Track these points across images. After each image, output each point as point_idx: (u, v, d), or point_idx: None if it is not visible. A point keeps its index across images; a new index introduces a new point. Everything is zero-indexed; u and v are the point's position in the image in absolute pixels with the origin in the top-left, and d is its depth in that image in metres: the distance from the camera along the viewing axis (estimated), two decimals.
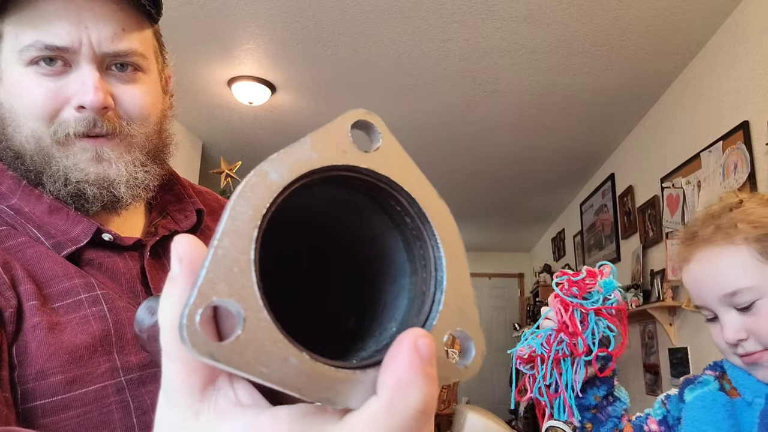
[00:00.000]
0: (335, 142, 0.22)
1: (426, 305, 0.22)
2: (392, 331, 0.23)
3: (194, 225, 0.69)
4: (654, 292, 3.31)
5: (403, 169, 0.23)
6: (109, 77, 0.59)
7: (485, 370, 7.57)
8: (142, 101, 0.61)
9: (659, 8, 2.50)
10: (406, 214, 0.23)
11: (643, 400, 3.66)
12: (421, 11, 2.57)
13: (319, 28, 2.72)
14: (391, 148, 0.22)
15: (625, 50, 2.84)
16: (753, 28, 2.41)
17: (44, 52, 0.56)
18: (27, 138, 0.58)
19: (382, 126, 0.23)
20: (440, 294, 0.22)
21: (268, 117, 3.69)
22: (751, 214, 0.78)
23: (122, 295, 0.57)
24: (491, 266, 7.89)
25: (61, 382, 0.49)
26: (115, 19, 0.58)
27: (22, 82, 0.57)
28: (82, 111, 0.57)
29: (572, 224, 5.38)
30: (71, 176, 0.57)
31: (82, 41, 0.56)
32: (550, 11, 2.54)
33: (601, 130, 3.80)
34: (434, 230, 0.23)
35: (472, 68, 3.06)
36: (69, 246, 0.57)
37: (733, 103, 2.57)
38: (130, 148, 0.60)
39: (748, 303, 0.76)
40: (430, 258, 0.23)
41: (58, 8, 0.55)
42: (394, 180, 0.22)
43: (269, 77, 3.19)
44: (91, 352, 0.51)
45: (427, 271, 0.23)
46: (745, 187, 2.39)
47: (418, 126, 3.81)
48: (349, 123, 0.22)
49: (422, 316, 0.22)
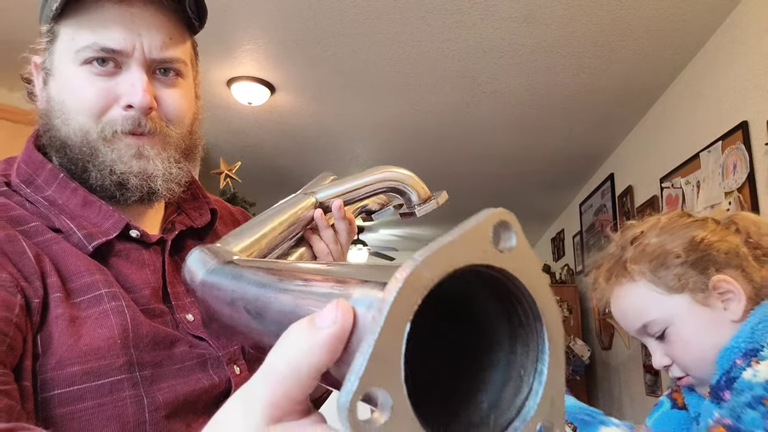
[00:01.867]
0: (478, 240, 0.24)
1: (523, 392, 0.25)
2: (484, 406, 0.25)
3: (208, 223, 0.74)
4: None
5: (531, 270, 0.25)
6: (153, 80, 0.64)
7: None
8: (180, 104, 0.66)
9: (659, 9, 2.50)
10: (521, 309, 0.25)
11: (643, 401, 3.66)
12: (421, 12, 2.57)
13: (318, 29, 2.72)
14: (523, 250, 0.24)
15: (625, 50, 2.84)
16: (752, 29, 2.42)
17: (99, 53, 0.61)
18: (74, 131, 0.62)
19: (518, 228, 0.25)
20: (539, 385, 0.24)
21: (267, 117, 3.69)
22: (646, 247, 0.82)
23: (141, 290, 0.61)
24: None
25: (78, 372, 0.52)
26: (165, 28, 0.64)
27: (75, 80, 0.61)
28: (129, 110, 0.62)
29: (572, 224, 5.38)
30: (116, 168, 0.62)
31: (135, 46, 0.61)
32: (550, 11, 2.54)
33: (601, 131, 3.80)
34: (544, 328, 0.25)
35: (471, 68, 3.06)
36: (100, 237, 0.60)
37: (732, 104, 2.57)
38: (167, 146, 0.65)
39: (660, 332, 0.81)
40: (534, 349, 0.25)
41: (115, 15, 0.60)
42: (521, 281, 0.24)
43: (269, 77, 3.19)
44: (108, 346, 0.54)
45: (529, 360, 0.25)
46: (745, 187, 2.39)
47: (418, 126, 3.81)
48: (492, 223, 0.24)
49: (518, 402, 0.24)
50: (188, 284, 0.49)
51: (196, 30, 0.69)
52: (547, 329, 0.25)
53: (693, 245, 0.80)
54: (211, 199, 0.80)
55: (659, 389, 3.36)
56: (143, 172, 0.63)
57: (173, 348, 0.58)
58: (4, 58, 3.02)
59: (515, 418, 0.24)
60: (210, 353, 0.61)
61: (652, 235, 0.84)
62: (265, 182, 4.98)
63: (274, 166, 4.63)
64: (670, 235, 0.82)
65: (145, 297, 0.61)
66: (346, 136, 4.05)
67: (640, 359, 3.67)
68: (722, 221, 0.84)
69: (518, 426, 0.24)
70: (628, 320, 0.85)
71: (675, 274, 0.79)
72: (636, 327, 0.84)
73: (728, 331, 0.77)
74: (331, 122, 3.80)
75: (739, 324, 0.77)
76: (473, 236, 0.23)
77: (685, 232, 0.82)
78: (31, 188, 0.63)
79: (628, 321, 0.85)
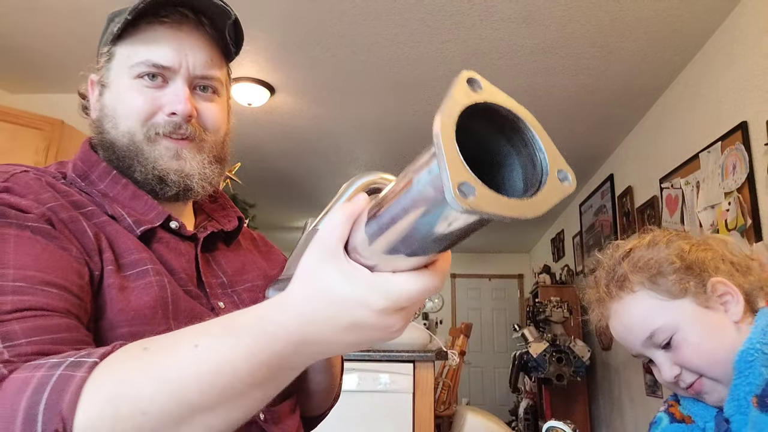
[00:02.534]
0: (463, 93, 0.35)
1: (537, 161, 0.37)
2: (519, 184, 0.38)
3: (236, 228, 0.84)
4: None
5: (499, 96, 0.37)
6: (194, 95, 0.74)
7: (485, 371, 7.57)
8: (216, 116, 0.76)
9: (658, 9, 2.51)
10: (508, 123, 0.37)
11: (643, 401, 3.66)
12: (420, 13, 2.58)
13: (318, 30, 2.73)
14: (489, 88, 0.36)
15: (624, 51, 2.84)
16: (751, 29, 2.42)
17: (151, 68, 0.71)
18: (122, 134, 0.72)
19: (480, 77, 0.36)
20: (542, 153, 0.37)
21: (267, 118, 3.69)
22: (639, 260, 0.84)
23: (178, 273, 0.69)
24: (491, 268, 7.89)
25: (126, 334, 0.59)
26: (207, 51, 0.74)
27: (128, 91, 0.72)
28: (172, 116, 0.71)
29: (571, 225, 5.39)
30: (157, 165, 0.72)
31: (181, 64, 0.72)
32: (549, 12, 2.55)
33: (600, 131, 3.80)
34: (525, 123, 0.37)
35: (470, 69, 3.06)
36: (146, 224, 0.70)
37: (731, 104, 2.58)
38: (202, 150, 0.75)
39: (667, 340, 0.81)
40: (529, 137, 0.37)
41: (166, 36, 0.71)
42: (496, 103, 0.36)
43: (268, 79, 3.20)
44: (152, 313, 0.62)
45: (529, 145, 0.37)
46: (744, 187, 2.40)
47: (418, 127, 3.82)
48: (464, 80, 0.36)
49: (537, 167, 0.37)
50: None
51: (232, 57, 0.80)
52: (527, 122, 0.37)
53: (683, 253, 0.82)
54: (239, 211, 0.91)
55: (659, 390, 3.36)
56: (181, 171, 0.72)
57: None
58: (5, 60, 3.02)
59: (542, 173, 0.36)
60: None
61: (641, 250, 0.86)
62: (265, 183, 4.98)
63: (274, 168, 4.64)
64: (659, 248, 0.84)
65: (183, 279, 0.69)
66: (345, 137, 4.05)
67: (640, 359, 3.67)
68: (696, 242, 0.86)
69: (545, 179, 0.36)
70: (633, 334, 0.84)
71: (674, 280, 0.80)
72: (641, 339, 0.83)
73: (732, 332, 0.78)
74: (330, 123, 3.80)
75: (742, 325, 0.78)
76: (459, 91, 0.35)
77: (673, 244, 0.84)
78: (86, 182, 0.72)
79: (633, 334, 0.85)
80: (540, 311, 4.80)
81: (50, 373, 0.44)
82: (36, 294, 0.53)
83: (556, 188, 0.36)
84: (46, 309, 0.53)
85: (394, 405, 2.21)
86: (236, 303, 0.74)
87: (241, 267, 0.80)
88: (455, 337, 3.86)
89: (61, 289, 0.55)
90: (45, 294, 0.54)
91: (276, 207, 5.84)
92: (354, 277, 0.40)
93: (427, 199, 0.35)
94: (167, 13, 0.72)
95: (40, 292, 0.54)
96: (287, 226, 6.67)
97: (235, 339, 0.44)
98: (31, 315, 0.52)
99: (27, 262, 0.55)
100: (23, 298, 0.52)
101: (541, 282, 5.42)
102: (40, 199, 0.63)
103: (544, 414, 4.73)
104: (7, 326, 0.50)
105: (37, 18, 2.66)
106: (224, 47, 0.77)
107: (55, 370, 0.45)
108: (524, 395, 5.48)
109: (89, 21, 2.61)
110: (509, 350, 6.94)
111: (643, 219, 3.57)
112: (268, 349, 0.43)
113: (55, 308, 0.54)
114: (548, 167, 0.36)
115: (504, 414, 6.19)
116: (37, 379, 0.44)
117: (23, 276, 0.54)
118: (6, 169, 0.66)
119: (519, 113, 0.37)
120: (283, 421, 0.71)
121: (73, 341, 0.52)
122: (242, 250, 0.85)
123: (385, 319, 0.41)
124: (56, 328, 0.52)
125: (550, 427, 1.10)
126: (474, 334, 7.20)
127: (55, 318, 0.53)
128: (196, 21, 0.73)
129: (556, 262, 6.05)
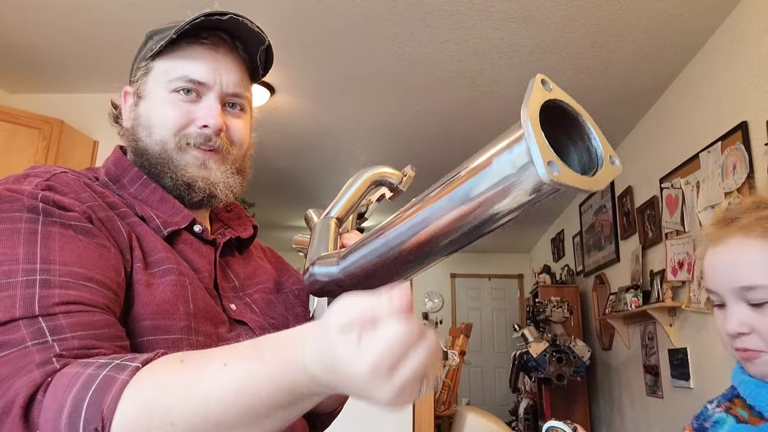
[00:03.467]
0: (539, 92, 0.43)
1: (593, 148, 0.47)
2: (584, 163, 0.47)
3: (252, 236, 0.89)
4: (654, 292, 3.30)
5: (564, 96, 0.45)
6: (224, 111, 0.80)
7: (485, 371, 7.57)
8: (242, 131, 0.82)
9: (657, 9, 2.50)
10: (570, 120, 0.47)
11: (643, 401, 3.66)
12: (420, 12, 2.57)
13: (318, 30, 2.72)
14: (557, 90, 0.45)
15: (624, 51, 2.84)
16: (751, 29, 2.42)
17: (188, 84, 0.76)
18: (156, 142, 0.77)
19: (548, 79, 0.44)
20: (597, 142, 0.46)
21: (267, 118, 3.69)
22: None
23: (201, 272, 0.74)
24: (491, 267, 7.88)
25: (149, 326, 0.64)
26: (239, 71, 0.81)
27: (164, 103, 0.77)
28: (204, 129, 0.77)
29: (571, 225, 5.38)
30: (186, 173, 0.77)
31: (215, 81, 0.77)
32: (549, 12, 2.54)
33: (600, 131, 3.79)
34: (584, 120, 0.47)
35: (470, 69, 3.06)
36: (172, 226, 0.74)
37: (731, 104, 2.58)
38: (226, 161, 0.80)
39: (762, 301, 0.76)
40: (586, 130, 0.47)
41: (204, 55, 0.77)
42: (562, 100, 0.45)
43: (268, 79, 3.19)
44: (173, 308, 0.66)
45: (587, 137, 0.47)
46: (744, 187, 2.39)
47: (417, 127, 3.81)
48: (539, 81, 0.43)
49: (593, 153, 0.47)
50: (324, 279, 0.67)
51: (259, 78, 0.86)
52: (585, 119, 0.46)
53: None
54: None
55: (659, 389, 3.36)
56: (207, 179, 0.78)
57: (218, 327, 0.71)
58: (4, 59, 3.02)
59: (598, 158, 0.46)
60: (248, 335, 0.73)
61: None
62: (265, 183, 4.98)
63: (274, 167, 4.63)
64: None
65: (205, 279, 0.74)
66: (345, 136, 4.05)
67: (641, 360, 3.67)
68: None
69: (601, 162, 0.46)
70: (734, 273, 0.78)
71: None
72: (737, 285, 0.78)
73: None
74: (330, 123, 3.80)
75: None
76: (537, 89, 0.42)
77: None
78: (117, 186, 0.77)
79: (732, 274, 0.79)
80: (540, 311, 4.80)
81: (97, 372, 0.48)
82: (80, 289, 0.58)
83: (609, 169, 0.46)
84: (89, 304, 0.57)
85: None
86: (248, 304, 0.79)
87: (252, 272, 0.85)
88: (455, 337, 3.86)
89: (101, 286, 0.60)
90: (88, 289, 0.58)
91: (275, 206, 5.84)
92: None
93: (506, 176, 0.44)
94: (207, 36, 0.78)
95: (84, 287, 0.58)
96: (286, 225, 6.67)
97: (261, 362, 0.46)
98: (76, 310, 0.56)
99: (71, 259, 0.59)
100: (69, 293, 0.57)
101: (541, 282, 5.42)
102: (80, 198, 0.67)
103: (544, 414, 4.73)
104: (55, 321, 0.54)
105: (35, 16, 2.65)
106: (253, 69, 0.84)
107: (101, 370, 0.49)
108: (524, 395, 5.47)
109: (88, 19, 2.60)
110: (509, 350, 6.94)
111: (643, 219, 3.56)
112: (286, 375, 0.45)
113: (97, 304, 0.58)
114: (603, 154, 0.46)
115: (504, 414, 6.18)
116: (86, 377, 0.48)
117: (68, 271, 0.58)
118: (46, 169, 0.70)
119: (580, 111, 0.46)
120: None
121: (112, 337, 0.58)
122: (253, 258, 0.89)
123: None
124: (98, 324, 0.57)
125: (550, 427, 1.09)
126: (474, 334, 7.20)
127: (97, 314, 0.58)
128: (231, 45, 0.80)
129: (556, 262, 6.05)
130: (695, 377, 2.91)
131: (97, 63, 3.05)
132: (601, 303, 4.40)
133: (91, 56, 2.96)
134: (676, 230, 3.05)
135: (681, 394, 3.09)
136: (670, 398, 3.24)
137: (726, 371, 0.87)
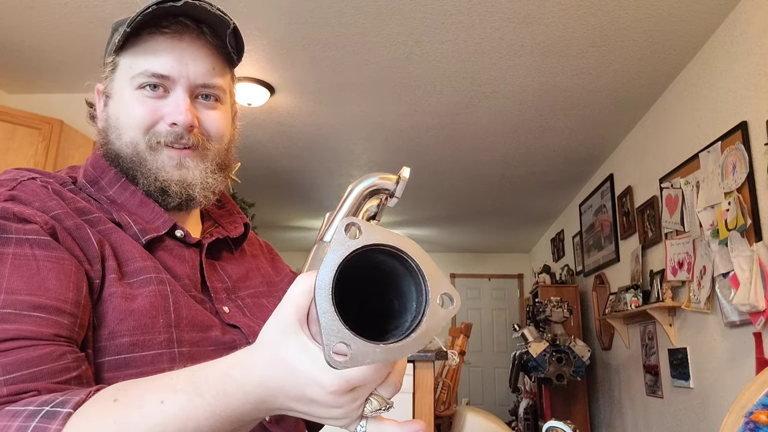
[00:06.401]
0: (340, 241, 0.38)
1: (422, 291, 0.40)
2: (407, 324, 0.40)
3: (242, 235, 0.85)
4: (653, 292, 3.31)
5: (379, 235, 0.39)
6: (196, 103, 0.74)
7: (485, 371, 7.57)
8: (219, 124, 0.76)
9: (657, 9, 2.50)
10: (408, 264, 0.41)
11: (643, 401, 3.66)
12: (420, 12, 2.57)
13: (317, 30, 2.72)
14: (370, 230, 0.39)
15: (624, 51, 2.84)
16: (751, 29, 2.42)
17: (151, 79, 0.71)
18: (126, 144, 0.73)
19: (359, 221, 0.39)
20: (425, 282, 0.40)
21: (267, 118, 3.69)
22: None
23: (182, 279, 0.71)
24: (491, 267, 7.89)
25: (126, 343, 0.60)
26: (208, 59, 0.74)
27: (130, 101, 0.72)
28: (173, 127, 0.72)
29: (571, 225, 5.39)
30: (159, 176, 0.72)
31: (181, 73, 0.72)
32: (549, 12, 2.54)
33: (600, 131, 3.80)
34: (421, 268, 0.40)
35: (470, 69, 3.06)
36: (152, 233, 0.71)
37: (731, 104, 2.58)
38: (205, 159, 0.75)
39: None
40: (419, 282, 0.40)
41: (166, 47, 0.72)
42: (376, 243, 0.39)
43: (268, 78, 3.19)
44: (153, 322, 0.63)
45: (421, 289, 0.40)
46: (744, 187, 2.39)
47: (417, 127, 3.81)
48: (342, 227, 0.38)
49: (423, 296, 0.40)
50: None
51: (235, 64, 0.80)
52: (409, 254, 0.40)
53: None
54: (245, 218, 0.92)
55: (659, 389, 3.36)
56: (183, 181, 0.73)
57: (209, 332, 0.68)
58: (4, 60, 3.02)
59: (426, 300, 0.39)
60: (240, 339, 0.71)
61: None
62: (264, 183, 4.98)
63: (274, 167, 4.63)
64: None
65: (187, 285, 0.70)
66: (345, 136, 4.05)
67: (640, 359, 3.67)
68: None
69: (427, 309, 0.39)
70: None
71: None
72: None
73: None
74: (330, 123, 3.80)
75: None
76: (337, 242, 0.37)
77: None
78: (95, 188, 0.73)
79: None
80: (540, 311, 4.80)
81: (26, 425, 0.46)
82: (22, 321, 0.54)
83: (437, 314, 0.39)
84: (31, 338, 0.53)
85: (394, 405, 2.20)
86: (240, 307, 0.76)
87: (245, 273, 0.82)
88: (455, 337, 3.86)
89: (52, 312, 0.56)
90: (32, 320, 0.54)
91: (275, 206, 5.84)
92: (311, 355, 0.42)
93: None
94: (168, 24, 0.71)
95: (27, 319, 0.54)
96: (286, 225, 6.66)
97: (199, 397, 0.45)
98: (14, 347, 0.52)
99: (20, 285, 0.56)
100: (8, 327, 0.53)
101: (541, 282, 5.42)
102: (46, 207, 0.63)
103: (544, 414, 4.72)
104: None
105: (34, 16, 2.65)
106: (227, 55, 0.77)
107: (30, 422, 0.46)
108: (524, 395, 5.47)
109: (88, 19, 2.60)
110: (509, 350, 6.94)
111: (642, 219, 3.57)
112: (229, 407, 0.45)
113: (41, 335, 0.54)
114: (430, 294, 0.39)
115: (504, 414, 6.19)
116: (14, 430, 0.46)
117: (13, 301, 0.54)
118: (15, 176, 0.67)
119: (400, 246, 0.39)
120: (285, 419, 0.71)
121: (53, 372, 0.53)
122: (247, 256, 0.86)
123: (335, 399, 0.43)
124: (37, 360, 0.53)
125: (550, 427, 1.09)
126: (474, 334, 7.20)
127: (39, 348, 0.53)
128: (197, 30, 0.73)
129: (556, 261, 6.05)
130: (695, 377, 2.91)
131: (97, 63, 3.05)
132: (600, 303, 4.40)
133: (91, 56, 2.96)
134: (676, 230, 3.06)
135: (681, 394, 3.09)
136: (669, 398, 3.24)
137: (725, 371, 0.87)
